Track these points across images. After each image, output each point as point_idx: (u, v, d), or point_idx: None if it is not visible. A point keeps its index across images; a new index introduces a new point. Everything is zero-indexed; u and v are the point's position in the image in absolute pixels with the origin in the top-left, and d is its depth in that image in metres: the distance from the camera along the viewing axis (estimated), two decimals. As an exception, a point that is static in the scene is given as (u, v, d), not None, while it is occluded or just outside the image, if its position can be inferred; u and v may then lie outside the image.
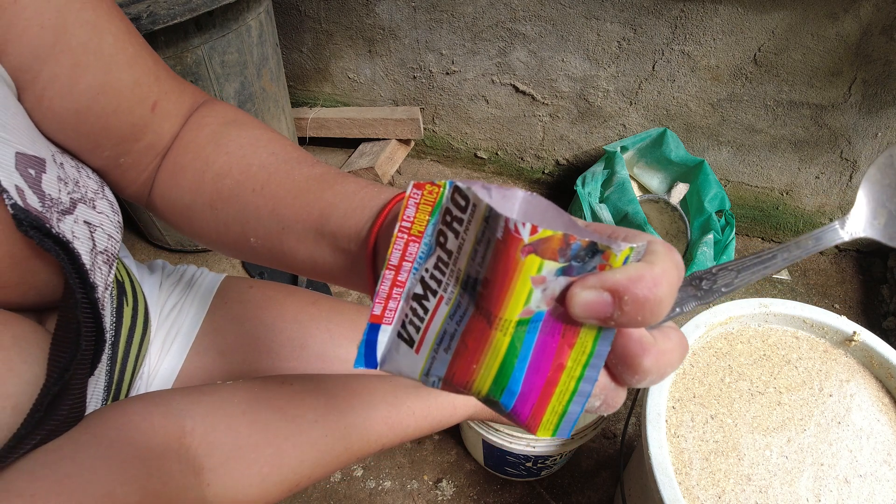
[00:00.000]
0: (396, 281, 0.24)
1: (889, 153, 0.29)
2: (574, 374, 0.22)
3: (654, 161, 1.22)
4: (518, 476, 0.89)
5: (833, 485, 0.56)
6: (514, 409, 0.23)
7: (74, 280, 0.31)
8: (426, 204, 0.23)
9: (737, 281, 0.26)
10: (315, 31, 1.37)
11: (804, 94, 1.08)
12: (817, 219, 1.24)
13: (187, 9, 0.83)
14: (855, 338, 0.64)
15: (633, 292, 0.19)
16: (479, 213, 0.21)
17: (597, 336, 0.22)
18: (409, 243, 0.24)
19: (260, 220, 0.35)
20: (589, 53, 1.17)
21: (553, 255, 0.20)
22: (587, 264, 0.21)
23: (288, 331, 0.58)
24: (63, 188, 0.34)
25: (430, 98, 1.39)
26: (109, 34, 0.35)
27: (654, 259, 0.20)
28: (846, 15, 0.96)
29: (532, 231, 0.20)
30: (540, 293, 0.21)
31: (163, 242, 1.24)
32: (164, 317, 0.56)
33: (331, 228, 0.32)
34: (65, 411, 0.32)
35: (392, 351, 0.25)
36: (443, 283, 0.24)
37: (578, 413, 0.23)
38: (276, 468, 0.39)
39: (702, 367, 0.65)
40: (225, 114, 0.41)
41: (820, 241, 0.27)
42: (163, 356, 0.54)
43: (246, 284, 0.62)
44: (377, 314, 0.25)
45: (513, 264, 0.20)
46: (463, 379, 0.23)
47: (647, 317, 0.20)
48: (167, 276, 0.59)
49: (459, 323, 0.23)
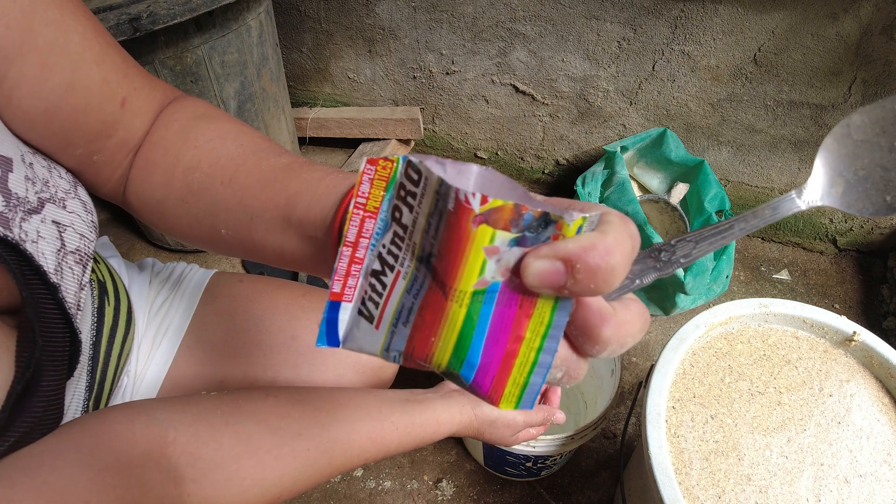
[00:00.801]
0: (354, 258, 0.25)
1: (846, 122, 0.29)
2: (533, 345, 0.22)
3: (654, 161, 1.22)
4: (518, 476, 0.89)
5: (833, 485, 0.56)
6: (475, 382, 0.23)
7: (21, 280, 0.31)
8: (380, 179, 0.23)
9: (695, 251, 0.27)
10: (315, 31, 1.37)
11: (804, 94, 1.08)
12: (817, 219, 1.24)
13: (187, 9, 0.83)
14: (855, 338, 0.64)
15: (585, 261, 0.20)
16: (431, 186, 0.22)
17: (554, 306, 0.22)
18: (366, 219, 0.24)
19: (229, 211, 0.35)
20: (589, 53, 1.17)
21: (505, 225, 0.20)
22: (540, 235, 0.21)
23: (278, 323, 0.58)
24: (31, 187, 0.34)
25: (430, 98, 1.39)
26: (76, 33, 0.35)
27: (607, 228, 0.21)
28: (846, 15, 0.96)
29: (482, 201, 0.20)
30: (494, 264, 0.21)
31: (163, 242, 1.24)
32: (154, 314, 0.56)
33: (297, 217, 0.32)
34: (38, 412, 0.32)
35: (353, 328, 0.25)
36: (399, 257, 0.24)
37: (540, 384, 0.23)
38: (258, 480, 0.38)
39: (702, 367, 0.65)
40: (195, 109, 0.41)
41: (777, 211, 0.28)
42: (153, 352, 0.54)
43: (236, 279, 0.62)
44: (336, 292, 0.25)
45: (465, 235, 0.20)
46: (422, 352, 0.23)
47: (600, 285, 0.20)
48: (156, 274, 0.59)
49: (416, 297, 0.23)
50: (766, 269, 1.25)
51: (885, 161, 0.28)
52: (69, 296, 0.35)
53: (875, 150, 0.28)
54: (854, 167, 0.29)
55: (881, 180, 0.28)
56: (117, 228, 1.33)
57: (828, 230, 1.25)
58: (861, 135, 0.29)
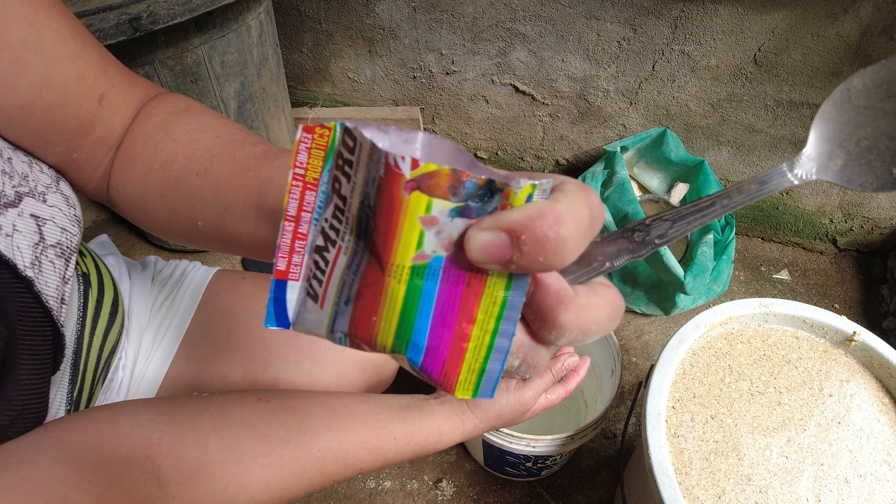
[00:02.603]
0: (297, 233, 0.23)
1: (845, 87, 0.26)
2: (487, 327, 0.21)
3: (654, 161, 1.22)
4: (518, 476, 0.89)
5: (833, 485, 0.56)
6: (424, 366, 0.21)
7: None
8: (318, 148, 0.21)
9: (671, 231, 0.24)
10: (315, 31, 1.37)
11: (804, 94, 1.08)
12: (817, 219, 1.24)
13: (187, 9, 0.83)
14: (855, 338, 0.64)
15: (531, 231, 0.18)
16: (365, 151, 0.20)
17: (508, 285, 0.20)
18: (306, 191, 0.22)
19: (205, 203, 0.35)
20: (589, 53, 1.17)
21: (443, 192, 0.18)
22: (486, 205, 0.19)
23: None
24: (8, 181, 0.34)
25: (430, 98, 1.39)
26: (49, 30, 0.35)
27: (559, 196, 0.19)
28: (846, 15, 0.96)
29: (413, 165, 0.18)
30: (433, 236, 0.19)
31: (162, 243, 1.24)
32: (155, 312, 0.56)
33: (269, 204, 0.31)
34: (17, 405, 0.32)
35: (302, 309, 0.24)
36: (340, 231, 0.22)
37: (499, 371, 0.21)
38: (243, 487, 0.38)
39: (702, 367, 0.65)
40: (175, 103, 0.41)
41: (764, 185, 0.24)
42: (154, 350, 0.54)
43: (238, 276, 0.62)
44: (282, 269, 0.23)
45: (397, 203, 0.19)
46: (366, 333, 0.22)
47: (549, 258, 0.18)
48: (158, 272, 0.59)
49: (356, 272, 0.21)
50: (766, 269, 1.25)
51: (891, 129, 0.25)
52: (48, 289, 0.35)
53: (880, 117, 0.25)
54: (856, 136, 0.25)
55: (887, 150, 0.25)
56: (117, 228, 1.33)
57: (828, 230, 1.25)
58: (863, 100, 0.25)
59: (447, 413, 0.49)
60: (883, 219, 1.19)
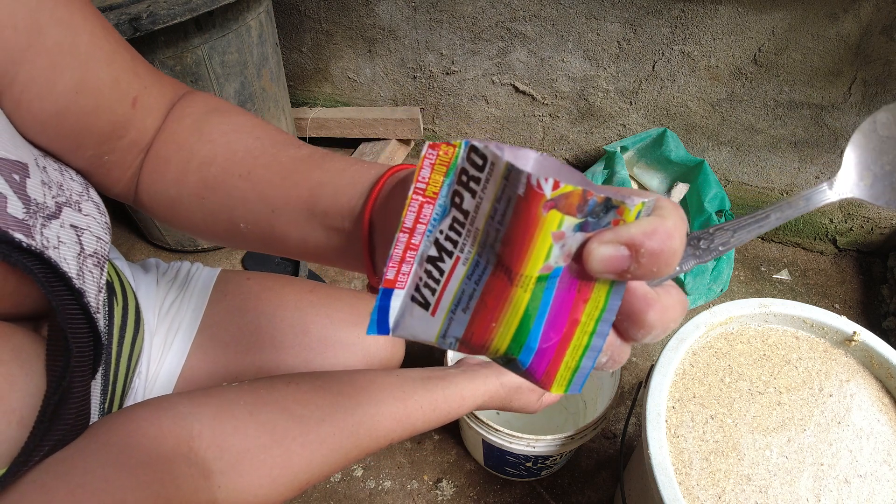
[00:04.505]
0: (410, 244, 0.24)
1: (872, 119, 0.31)
2: (587, 328, 0.23)
3: (654, 161, 1.22)
4: (518, 476, 0.89)
5: (833, 485, 0.56)
6: (531, 367, 0.23)
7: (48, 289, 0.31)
8: (441, 165, 0.23)
9: (732, 240, 0.28)
10: (315, 31, 1.37)
11: (804, 94, 1.08)
12: (817, 219, 1.24)
13: (187, 9, 0.83)
14: (855, 338, 0.64)
15: (648, 245, 0.20)
16: (497, 171, 0.22)
17: (609, 290, 0.22)
18: (424, 205, 0.24)
19: (248, 205, 0.35)
20: (589, 53, 1.17)
21: (572, 210, 0.21)
22: (602, 220, 0.21)
23: (289, 318, 0.58)
24: (48, 192, 0.33)
25: (430, 98, 1.39)
26: (85, 32, 0.34)
27: (664, 213, 0.21)
28: (846, 15, 0.96)
29: (554, 186, 0.20)
30: (559, 249, 0.21)
31: (163, 242, 1.24)
32: (164, 314, 0.56)
33: (322, 207, 0.31)
34: (70, 418, 0.32)
35: (406, 315, 0.25)
36: (459, 243, 0.24)
37: (590, 368, 0.23)
38: (286, 468, 0.39)
39: (702, 367, 0.65)
40: (206, 103, 0.40)
41: (810, 202, 0.29)
42: (165, 353, 0.54)
43: (243, 277, 0.62)
44: (390, 278, 0.25)
45: (534, 220, 0.21)
46: (481, 338, 0.23)
47: (661, 268, 0.21)
48: (163, 274, 0.59)
49: (478, 283, 0.23)
50: (766, 269, 1.25)
51: None
52: (92, 299, 0.35)
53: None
54: (881, 161, 0.30)
55: None
56: (117, 228, 1.33)
57: (828, 230, 1.25)
58: (886, 131, 0.31)
59: (469, 377, 0.52)
60: (883, 219, 1.19)
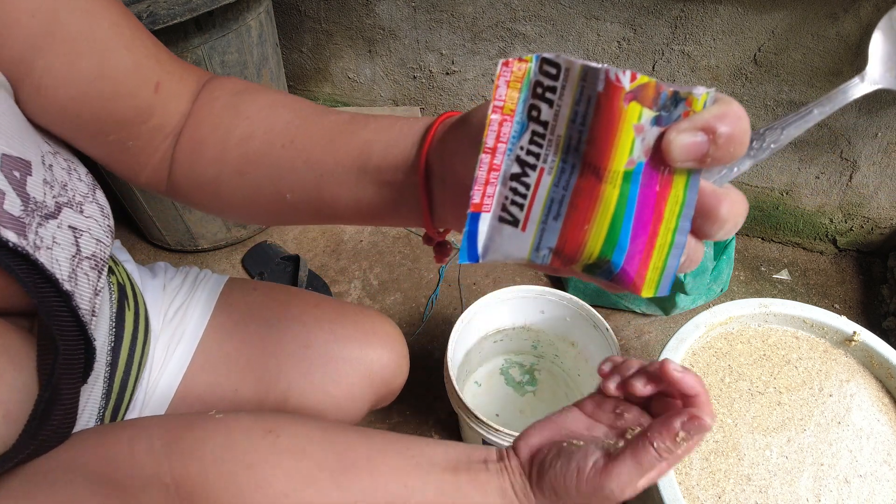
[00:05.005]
0: (493, 164, 0.24)
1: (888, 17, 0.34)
2: (670, 225, 0.23)
3: (654, 161, 1.22)
4: (518, 476, 0.89)
5: (833, 485, 0.56)
6: (623, 268, 0.23)
7: (32, 290, 0.31)
8: (516, 81, 0.23)
9: (782, 137, 0.30)
10: (315, 31, 1.37)
11: (804, 94, 1.08)
12: (817, 219, 1.24)
13: (187, 9, 0.83)
14: (855, 338, 0.64)
15: (723, 128, 0.21)
16: (573, 75, 0.22)
17: (686, 184, 0.22)
18: (503, 123, 0.24)
19: (295, 173, 0.35)
20: (589, 53, 1.17)
21: (649, 102, 0.21)
22: (673, 113, 0.22)
23: (292, 331, 0.58)
24: (49, 191, 0.34)
25: (430, 98, 1.39)
26: (104, 19, 0.34)
27: (728, 100, 0.22)
28: (846, 15, 0.96)
29: (632, 78, 0.21)
30: (640, 142, 0.22)
31: (162, 242, 1.24)
32: (168, 321, 0.55)
33: (374, 163, 0.32)
34: (57, 419, 0.32)
35: (494, 237, 0.25)
36: (541, 155, 0.24)
37: (675, 268, 0.23)
38: None
39: (702, 367, 0.65)
40: (235, 85, 0.41)
41: (846, 94, 0.33)
42: (167, 361, 0.53)
43: (250, 286, 0.61)
44: (477, 202, 0.25)
45: (616, 113, 0.21)
46: (575, 242, 0.24)
47: (738, 148, 0.21)
48: (170, 279, 0.59)
49: (566, 188, 0.23)
50: (766, 269, 1.25)
51: None
52: (83, 302, 0.35)
53: None
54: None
55: None
56: (117, 228, 1.33)
57: (828, 230, 1.25)
58: None
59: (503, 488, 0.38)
60: (883, 219, 1.19)
